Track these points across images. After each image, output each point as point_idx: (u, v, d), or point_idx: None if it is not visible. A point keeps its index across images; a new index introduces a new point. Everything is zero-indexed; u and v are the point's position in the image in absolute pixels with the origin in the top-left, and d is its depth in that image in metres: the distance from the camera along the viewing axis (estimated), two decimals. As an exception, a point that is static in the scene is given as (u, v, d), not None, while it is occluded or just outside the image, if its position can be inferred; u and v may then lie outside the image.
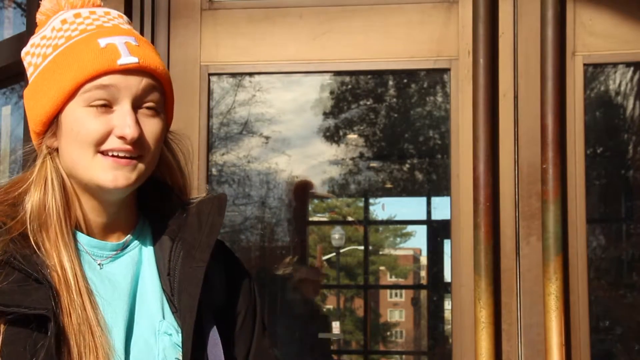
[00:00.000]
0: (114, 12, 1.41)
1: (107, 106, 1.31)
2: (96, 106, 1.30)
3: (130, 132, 1.30)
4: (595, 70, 5.08)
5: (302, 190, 7.97)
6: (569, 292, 2.37)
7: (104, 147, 1.31)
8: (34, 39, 1.39)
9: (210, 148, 2.64)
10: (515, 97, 2.45)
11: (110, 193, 1.34)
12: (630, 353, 5.66)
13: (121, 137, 1.30)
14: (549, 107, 2.36)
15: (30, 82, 1.37)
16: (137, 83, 1.32)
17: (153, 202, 1.44)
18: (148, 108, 1.34)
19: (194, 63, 2.57)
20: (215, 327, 1.40)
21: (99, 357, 1.25)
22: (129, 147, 1.31)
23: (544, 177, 2.35)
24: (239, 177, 8.20)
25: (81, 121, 1.31)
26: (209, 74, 2.59)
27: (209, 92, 2.60)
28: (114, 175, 1.31)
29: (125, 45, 1.32)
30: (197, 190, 1.51)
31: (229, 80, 6.58)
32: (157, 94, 1.36)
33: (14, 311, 1.21)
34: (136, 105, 1.33)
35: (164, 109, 1.39)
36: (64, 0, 1.39)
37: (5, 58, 2.80)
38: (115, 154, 1.31)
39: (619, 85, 5.74)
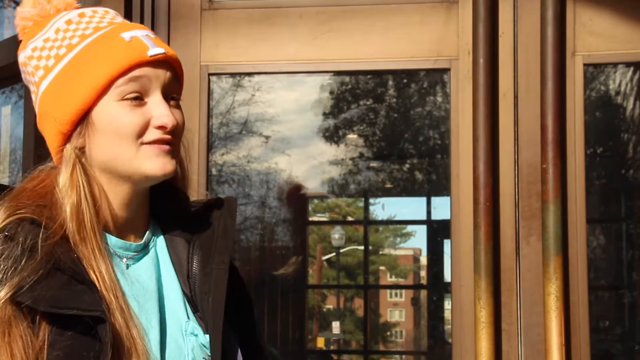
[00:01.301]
0: (112, 11, 1.42)
1: (140, 99, 1.31)
2: (129, 99, 1.30)
3: (170, 120, 1.31)
4: (595, 70, 5.08)
5: (294, 194, 7.97)
6: (569, 292, 2.37)
7: (144, 139, 1.31)
8: (34, 43, 1.37)
9: (210, 148, 2.64)
10: (515, 97, 2.45)
11: (154, 181, 1.35)
12: (630, 353, 5.66)
13: (160, 127, 1.31)
14: (549, 107, 2.36)
15: (47, 84, 1.35)
16: (165, 74, 1.33)
17: (160, 203, 1.44)
18: (173, 99, 1.35)
19: (194, 63, 2.57)
20: (229, 326, 1.41)
21: (140, 359, 1.24)
22: (169, 137, 1.32)
23: (544, 177, 2.35)
24: (239, 177, 8.20)
25: (118, 115, 1.30)
26: (209, 74, 2.59)
27: (209, 92, 2.60)
28: (161, 162, 1.31)
29: (147, 37, 1.34)
30: (197, 192, 1.51)
31: (229, 80, 6.58)
32: (178, 85, 1.38)
33: (67, 313, 1.20)
34: (164, 96, 1.33)
35: None
36: (50, 5, 1.38)
37: (5, 58, 2.80)
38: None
39: (619, 85, 5.74)
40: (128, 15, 2.51)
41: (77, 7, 1.40)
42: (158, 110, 1.31)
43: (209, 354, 1.34)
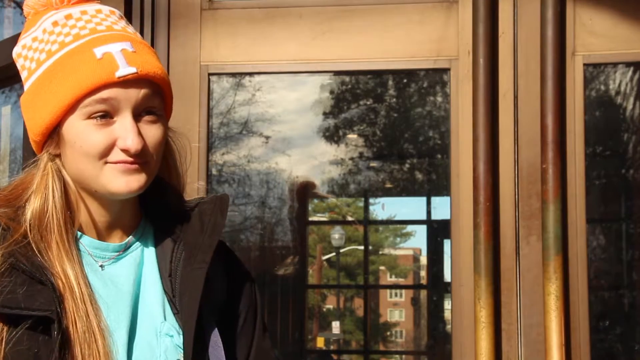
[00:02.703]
0: (106, 9, 1.38)
1: (108, 116, 1.29)
2: (97, 117, 1.29)
3: (134, 144, 1.28)
4: (595, 70, 5.08)
5: (304, 190, 7.97)
6: (569, 292, 2.37)
7: (109, 159, 1.30)
8: (24, 40, 1.37)
9: (210, 148, 2.64)
10: (515, 97, 2.45)
11: (120, 197, 1.34)
12: (630, 353, 5.66)
13: (124, 150, 1.29)
14: (549, 107, 2.36)
15: (26, 88, 1.35)
16: (137, 93, 1.30)
17: (154, 203, 1.43)
18: (149, 114, 1.32)
19: (194, 63, 2.58)
20: (216, 328, 1.39)
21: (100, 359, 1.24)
22: (132, 159, 1.30)
23: (544, 177, 2.35)
24: (239, 177, 8.20)
25: (84, 134, 1.29)
26: (209, 74, 2.59)
27: (209, 92, 2.60)
28: (126, 180, 1.30)
29: (121, 53, 1.29)
30: (198, 190, 1.51)
31: (229, 80, 6.58)
32: (157, 98, 1.34)
33: (17, 314, 1.21)
34: (137, 113, 1.31)
35: (164, 111, 1.37)
36: None
37: (5, 58, 2.80)
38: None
39: (619, 85, 5.74)
40: (128, 15, 2.51)
41: (77, 2, 1.37)
42: (124, 132, 1.29)
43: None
